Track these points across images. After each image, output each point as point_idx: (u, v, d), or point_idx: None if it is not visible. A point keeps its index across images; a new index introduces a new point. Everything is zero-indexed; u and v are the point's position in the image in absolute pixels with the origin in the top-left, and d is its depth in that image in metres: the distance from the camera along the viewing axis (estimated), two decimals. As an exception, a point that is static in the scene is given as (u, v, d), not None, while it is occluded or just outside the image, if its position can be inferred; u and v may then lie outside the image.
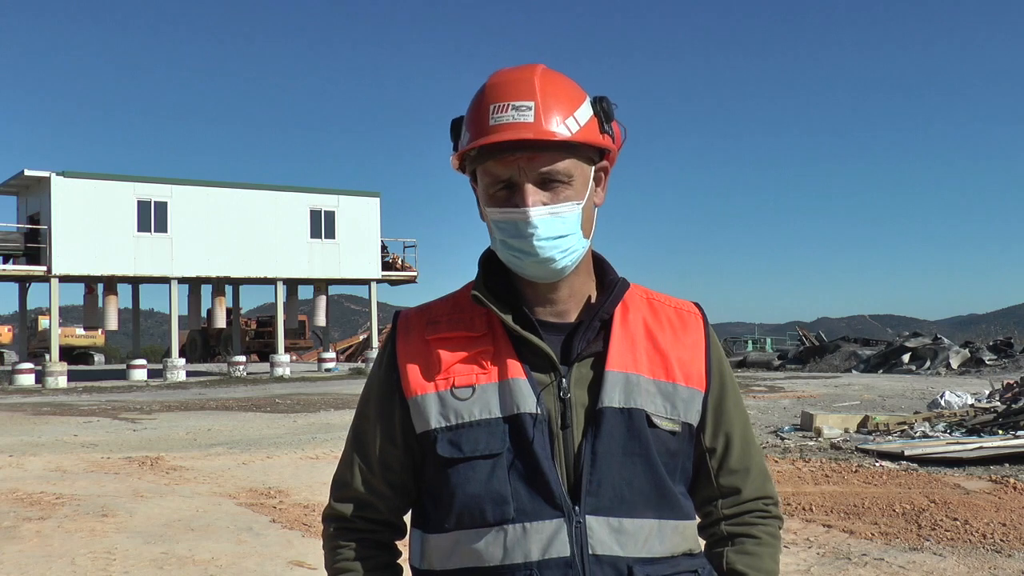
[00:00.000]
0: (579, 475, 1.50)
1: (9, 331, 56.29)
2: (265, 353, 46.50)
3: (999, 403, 15.87)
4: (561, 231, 1.51)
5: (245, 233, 36.83)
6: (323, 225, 38.81)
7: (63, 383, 31.19)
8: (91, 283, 36.80)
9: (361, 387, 1.70)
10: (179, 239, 35.72)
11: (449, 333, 1.58)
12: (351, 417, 1.70)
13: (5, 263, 34.90)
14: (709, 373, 1.62)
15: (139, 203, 35.11)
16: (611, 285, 1.61)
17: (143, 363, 35.36)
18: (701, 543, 1.64)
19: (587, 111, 1.54)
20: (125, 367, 35.52)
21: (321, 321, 41.73)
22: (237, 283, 41.31)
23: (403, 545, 1.68)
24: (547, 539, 1.47)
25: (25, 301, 40.17)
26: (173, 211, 35.68)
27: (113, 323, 37.13)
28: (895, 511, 8.32)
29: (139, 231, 35.03)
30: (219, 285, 38.80)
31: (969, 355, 33.93)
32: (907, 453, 11.50)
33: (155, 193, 35.61)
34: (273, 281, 38.30)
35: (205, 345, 52.24)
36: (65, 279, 34.48)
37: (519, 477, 1.49)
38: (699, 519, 1.67)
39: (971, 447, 11.71)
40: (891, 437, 13.57)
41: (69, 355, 44.51)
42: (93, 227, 33.99)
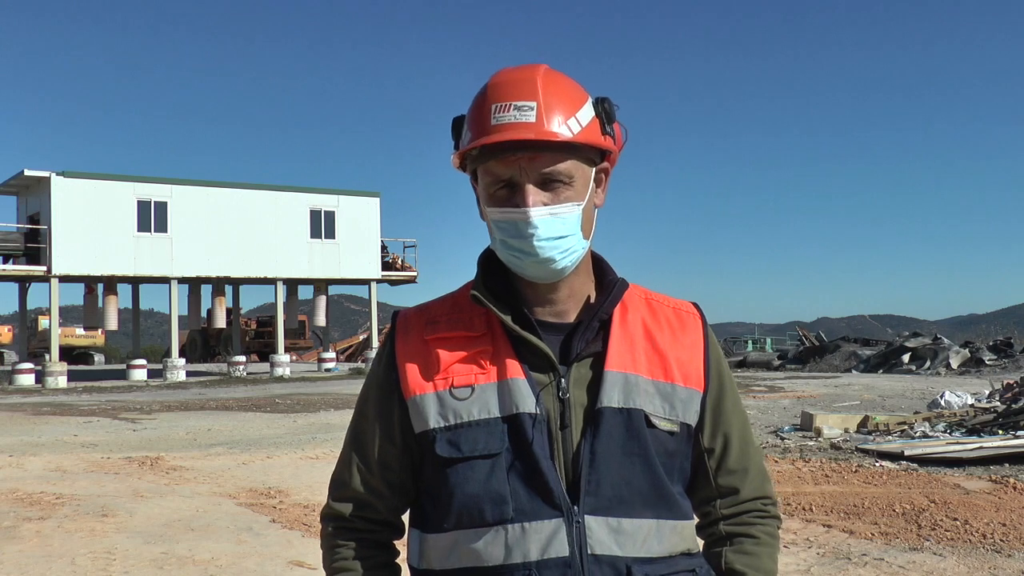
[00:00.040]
0: (578, 475, 1.49)
1: (9, 331, 56.28)
2: (265, 353, 46.49)
3: (999, 403, 15.86)
4: (561, 232, 1.51)
5: (245, 233, 36.84)
6: (323, 225, 38.81)
7: (63, 383, 31.18)
8: (91, 283, 36.80)
9: (361, 387, 1.70)
10: (179, 239, 35.73)
11: (448, 333, 1.58)
12: (351, 417, 1.70)
13: (5, 263, 34.90)
14: (707, 373, 1.62)
15: (139, 203, 35.12)
16: (610, 285, 1.61)
17: (143, 363, 35.35)
18: (699, 543, 1.64)
19: (589, 112, 1.54)
20: (125, 367, 35.52)
21: (321, 321, 41.74)
22: (237, 283, 41.31)
23: (401, 545, 1.68)
24: (546, 539, 1.47)
25: (25, 301, 40.18)
26: (173, 211, 35.69)
27: (113, 323, 37.14)
28: (895, 511, 8.31)
29: (139, 231, 35.04)
30: (219, 285, 38.80)
31: (969, 355, 33.92)
32: (907, 453, 11.50)
33: (155, 193, 35.61)
34: (273, 281, 38.30)
35: (205, 345, 52.24)
36: (65, 279, 34.49)
37: (518, 477, 1.49)
38: (697, 519, 1.66)
39: (971, 447, 11.71)
40: (891, 437, 13.57)
41: (69, 355, 44.50)
42: (93, 227, 33.99)
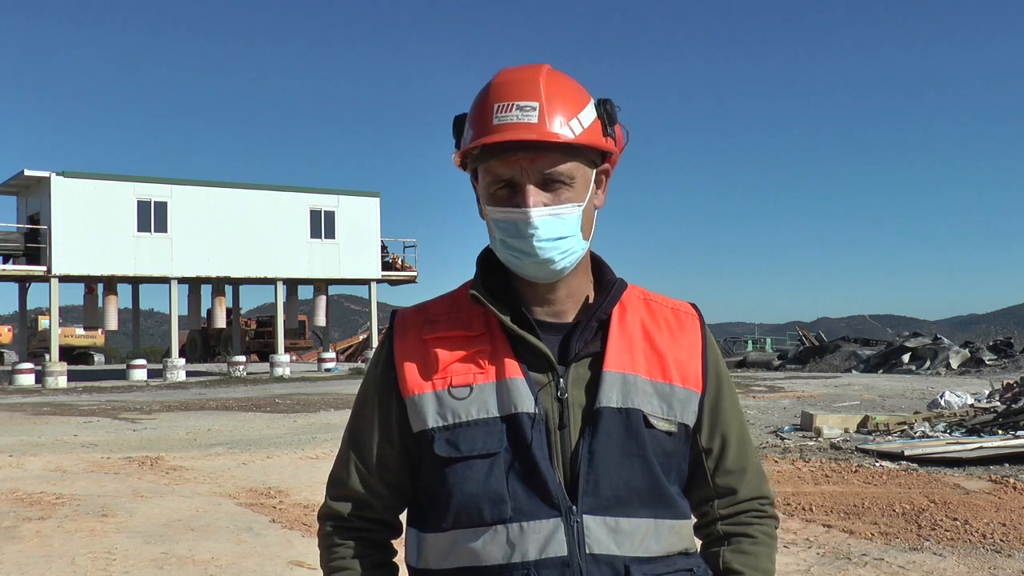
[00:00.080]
0: (576, 475, 1.50)
1: (9, 331, 56.30)
2: (265, 353, 46.49)
3: (999, 403, 15.87)
4: (561, 232, 1.51)
5: (245, 233, 36.84)
6: (323, 225, 38.82)
7: (63, 383, 31.19)
8: (91, 283, 36.81)
9: (359, 386, 1.70)
10: (179, 239, 35.73)
11: (447, 332, 1.58)
12: (348, 416, 1.70)
13: (5, 263, 34.91)
14: (706, 374, 1.62)
15: (139, 203, 35.13)
16: (609, 285, 1.61)
17: (143, 363, 35.36)
18: (696, 543, 1.64)
19: (591, 113, 1.54)
20: (125, 367, 35.52)
21: (321, 321, 41.75)
22: (237, 283, 41.32)
23: (398, 544, 1.68)
24: (544, 538, 1.47)
25: (25, 301, 40.20)
26: (173, 211, 35.70)
27: (113, 323, 37.15)
28: (895, 511, 8.31)
29: (139, 231, 35.05)
30: (219, 285, 38.81)
31: (969, 355, 33.92)
32: (907, 453, 11.50)
33: (155, 193, 35.62)
34: (273, 281, 38.31)
35: (205, 345, 52.25)
36: (65, 279, 34.49)
37: (516, 477, 1.49)
38: (695, 519, 1.66)
39: (971, 447, 11.71)
40: (891, 437, 13.57)
41: (69, 355, 44.51)
42: (93, 227, 34.00)
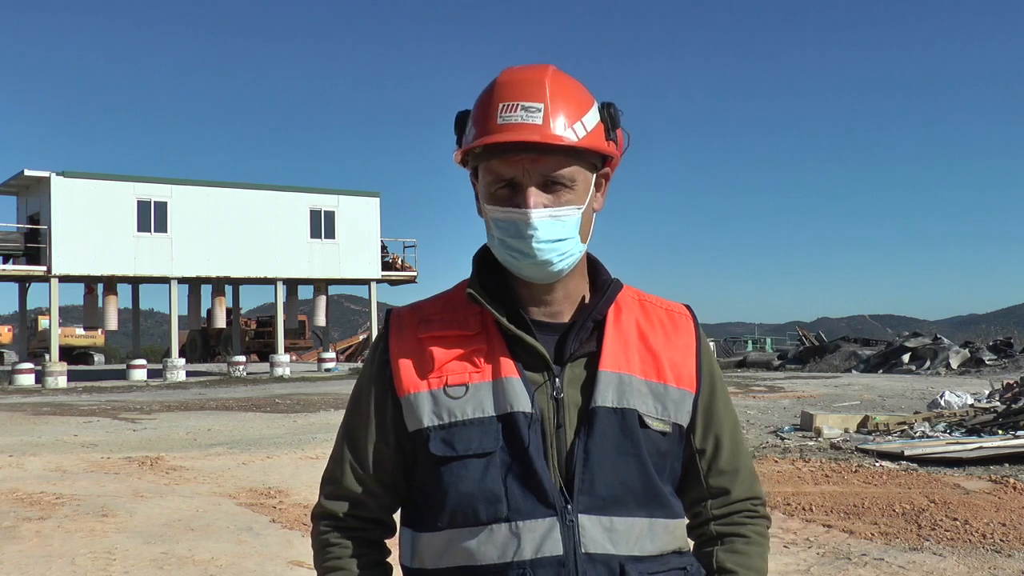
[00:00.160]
0: (572, 474, 1.50)
1: (9, 331, 56.31)
2: (265, 353, 46.49)
3: (999, 403, 15.86)
4: (560, 234, 1.51)
5: (245, 233, 36.84)
6: (323, 225, 38.82)
7: (63, 383, 31.18)
8: (91, 283, 36.81)
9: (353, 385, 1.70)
10: (179, 239, 35.73)
11: (442, 332, 1.58)
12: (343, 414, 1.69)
13: (5, 263, 34.91)
14: (700, 375, 1.63)
15: (139, 203, 35.13)
16: (604, 286, 1.61)
17: (143, 363, 35.36)
18: (689, 542, 1.65)
19: (594, 117, 1.54)
20: (125, 367, 35.52)
21: (321, 321, 41.75)
22: (237, 283, 41.32)
23: (392, 544, 1.68)
24: (540, 538, 1.47)
25: (25, 301, 40.19)
26: (173, 211, 35.70)
27: (113, 323, 37.15)
28: (895, 511, 8.31)
29: (139, 231, 35.05)
30: (219, 285, 38.81)
31: (969, 355, 33.91)
32: (907, 453, 11.50)
33: (155, 193, 35.62)
34: (273, 281, 38.31)
35: (205, 345, 52.25)
36: (65, 279, 34.49)
37: (512, 476, 1.49)
38: (687, 519, 1.67)
39: (971, 447, 11.71)
40: (891, 437, 13.56)
41: (69, 355, 44.50)
42: (93, 227, 34.00)
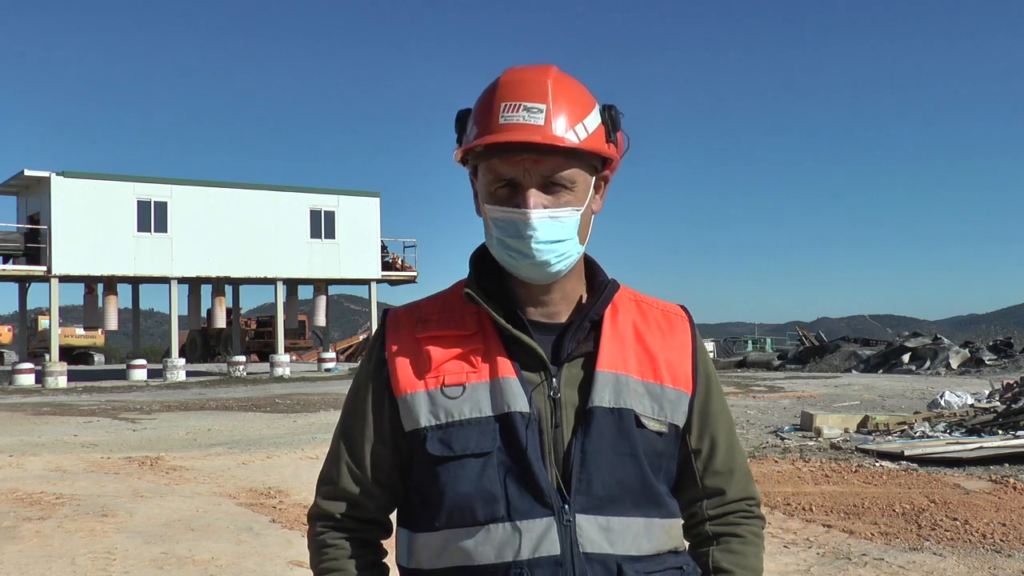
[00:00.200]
0: (569, 474, 1.50)
1: (9, 331, 56.32)
2: (265, 353, 46.50)
3: (999, 403, 15.86)
4: (559, 236, 1.51)
5: (245, 233, 36.84)
6: (323, 225, 38.81)
7: (63, 383, 31.18)
8: (91, 283, 36.81)
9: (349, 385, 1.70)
10: (179, 239, 35.73)
11: (439, 331, 1.58)
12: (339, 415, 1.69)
13: (5, 263, 34.91)
14: (696, 376, 1.63)
15: (139, 203, 35.13)
16: (601, 287, 1.62)
17: (143, 363, 35.36)
18: (684, 542, 1.65)
19: (596, 119, 1.54)
20: (125, 367, 35.52)
21: (321, 321, 41.74)
22: (237, 283, 41.32)
23: (388, 544, 1.67)
24: (537, 537, 1.47)
25: (25, 301, 40.19)
26: (173, 211, 35.69)
27: (113, 323, 37.15)
28: (895, 511, 8.31)
29: (139, 231, 35.05)
30: (219, 285, 38.81)
31: (969, 355, 33.91)
32: (907, 453, 11.50)
33: (155, 193, 35.62)
34: (273, 281, 38.30)
35: (205, 345, 52.25)
36: (65, 279, 34.49)
37: (509, 476, 1.49)
38: (683, 519, 1.67)
39: (971, 447, 11.70)
40: (891, 437, 13.56)
41: (69, 355, 44.51)
42: (93, 227, 33.99)
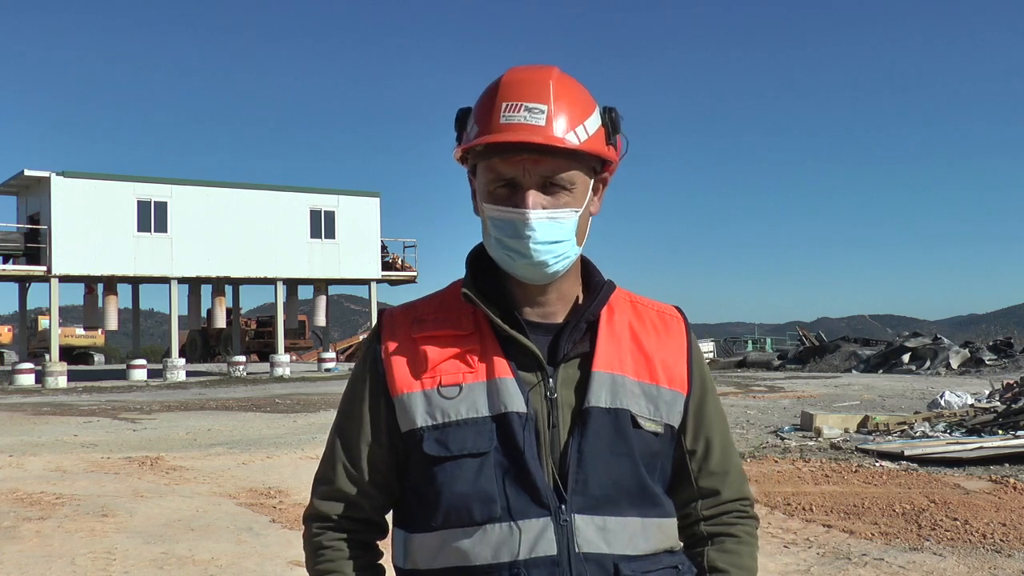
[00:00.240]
0: (565, 474, 1.50)
1: (9, 331, 56.32)
2: (265, 353, 46.50)
3: (999, 403, 15.86)
4: (557, 236, 1.52)
5: (245, 233, 36.84)
6: (323, 225, 38.81)
7: (63, 383, 31.17)
8: (91, 283, 36.80)
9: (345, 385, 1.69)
10: (179, 239, 35.73)
11: (435, 332, 1.58)
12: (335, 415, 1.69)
13: (5, 263, 34.91)
14: (691, 376, 1.64)
15: (139, 203, 35.12)
16: (597, 287, 1.62)
17: (143, 363, 35.35)
18: (679, 541, 1.65)
19: (596, 121, 1.55)
20: (125, 367, 35.52)
21: (321, 321, 41.74)
22: (237, 283, 41.31)
23: (384, 545, 1.67)
24: (534, 537, 1.48)
25: (25, 301, 40.18)
26: (173, 211, 35.69)
27: (113, 323, 37.15)
28: (895, 511, 8.31)
29: (139, 231, 35.04)
30: (219, 285, 38.81)
31: (969, 355, 33.91)
32: (907, 453, 11.50)
33: (155, 193, 35.62)
34: (273, 281, 38.30)
35: (205, 345, 52.25)
36: (65, 279, 34.48)
37: (506, 476, 1.49)
38: (677, 520, 1.67)
39: (971, 447, 11.70)
40: (891, 437, 13.56)
41: (69, 355, 44.51)
42: (93, 227, 33.99)
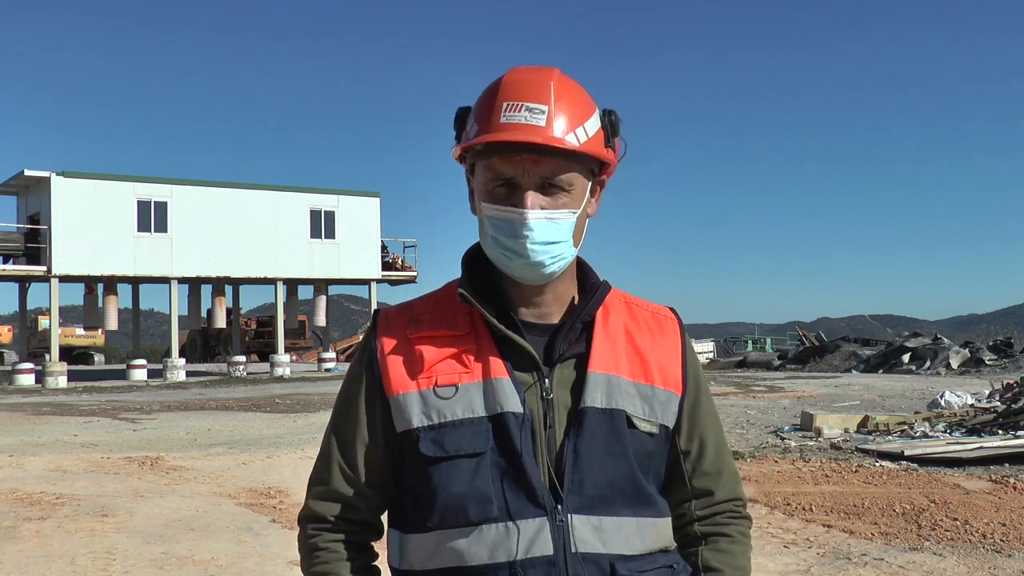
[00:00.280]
0: (561, 474, 1.50)
1: (9, 331, 56.31)
2: (265, 353, 46.50)
3: (999, 403, 15.86)
4: (555, 237, 1.52)
5: (245, 233, 36.83)
6: (323, 225, 38.81)
7: (63, 383, 31.17)
8: (91, 283, 36.80)
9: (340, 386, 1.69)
10: (179, 239, 35.73)
11: (431, 332, 1.58)
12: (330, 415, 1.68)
13: (5, 263, 34.90)
14: (685, 377, 1.64)
15: (139, 203, 35.12)
16: (593, 288, 1.62)
17: (143, 363, 35.34)
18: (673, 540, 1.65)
19: (596, 123, 1.55)
20: (125, 367, 35.51)
21: (321, 321, 41.74)
22: (237, 283, 41.31)
23: (379, 546, 1.66)
24: (530, 537, 1.48)
25: (25, 301, 40.17)
26: (173, 211, 35.69)
27: (113, 323, 37.15)
28: (895, 511, 8.31)
29: (139, 231, 35.04)
30: (219, 285, 38.80)
31: (969, 355, 33.90)
32: (907, 453, 11.50)
33: (155, 193, 35.61)
34: (273, 281, 38.30)
35: (205, 345, 52.25)
36: (65, 279, 34.48)
37: (502, 476, 1.50)
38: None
39: (971, 447, 11.70)
40: (891, 437, 13.56)
41: (69, 355, 44.50)
42: (93, 227, 33.99)
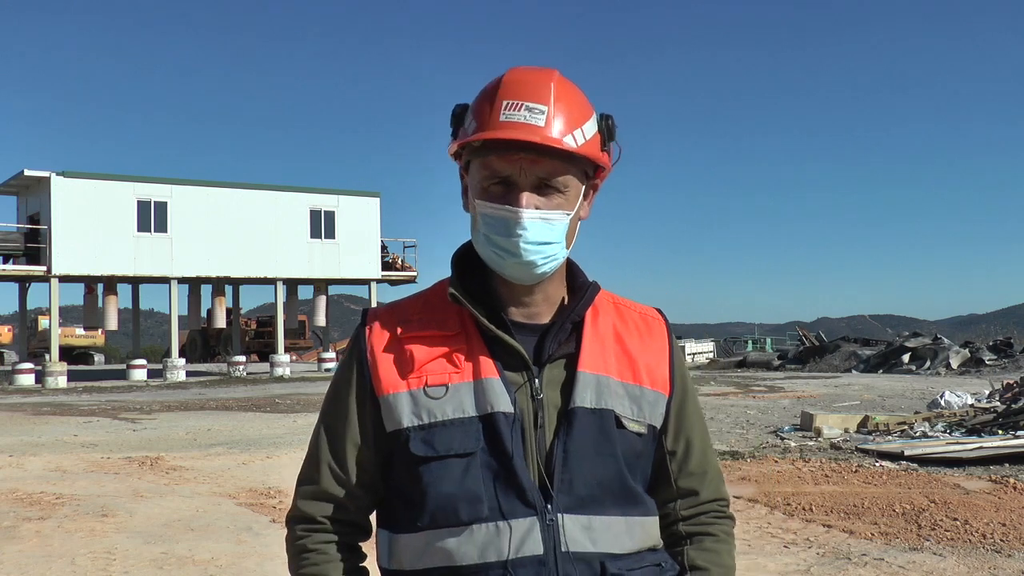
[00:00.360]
0: (551, 474, 1.51)
1: (9, 331, 56.33)
2: (265, 353, 46.53)
3: (999, 403, 15.86)
4: (548, 238, 1.53)
5: (245, 233, 36.84)
6: (323, 225, 38.82)
7: (63, 383, 31.19)
8: (91, 283, 36.81)
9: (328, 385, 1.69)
10: (179, 239, 35.73)
11: (421, 332, 1.58)
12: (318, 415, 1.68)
13: (5, 263, 34.91)
14: (673, 378, 1.65)
15: (139, 203, 35.13)
16: (582, 288, 1.63)
17: (143, 363, 35.37)
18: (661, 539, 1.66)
19: (593, 126, 1.56)
20: (125, 367, 35.54)
21: (321, 321, 41.76)
22: (237, 283, 41.33)
23: (367, 547, 1.66)
24: (520, 537, 1.48)
25: (25, 301, 40.19)
26: (173, 211, 35.70)
27: (113, 323, 37.16)
28: (895, 511, 8.31)
29: (139, 231, 35.05)
30: (219, 285, 38.81)
31: (969, 355, 33.91)
32: (907, 453, 11.50)
33: (155, 193, 35.62)
34: (273, 281, 38.31)
35: (205, 345, 52.28)
36: (65, 279, 34.49)
37: (493, 476, 1.50)
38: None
39: (971, 447, 11.71)
40: (891, 437, 13.57)
41: (69, 355, 44.52)
42: (93, 227, 33.99)
